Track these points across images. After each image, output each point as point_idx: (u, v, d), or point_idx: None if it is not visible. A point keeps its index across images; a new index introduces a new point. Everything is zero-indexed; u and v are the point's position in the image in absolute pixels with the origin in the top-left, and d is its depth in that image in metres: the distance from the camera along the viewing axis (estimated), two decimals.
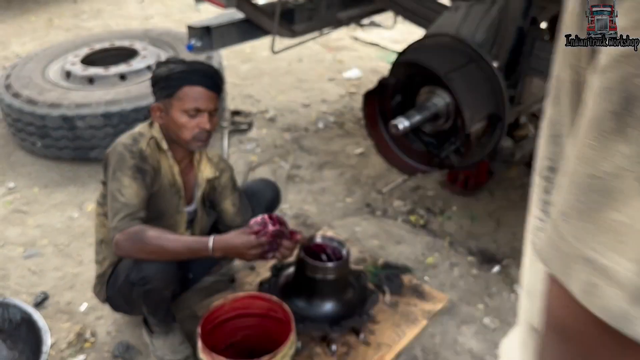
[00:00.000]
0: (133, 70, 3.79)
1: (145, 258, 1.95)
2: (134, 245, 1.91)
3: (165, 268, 1.98)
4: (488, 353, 2.39)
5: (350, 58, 5.67)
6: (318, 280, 2.27)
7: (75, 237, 3.05)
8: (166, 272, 1.99)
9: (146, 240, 1.91)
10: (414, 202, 3.39)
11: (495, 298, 2.70)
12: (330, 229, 3.11)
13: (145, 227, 1.93)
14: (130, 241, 1.91)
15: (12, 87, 3.66)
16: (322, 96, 4.79)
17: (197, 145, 2.11)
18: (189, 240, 2.00)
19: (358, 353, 2.33)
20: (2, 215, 3.22)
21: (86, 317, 2.52)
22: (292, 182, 3.59)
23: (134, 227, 1.91)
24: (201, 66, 2.08)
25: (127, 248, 1.92)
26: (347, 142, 4.06)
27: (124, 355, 2.33)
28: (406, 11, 3.17)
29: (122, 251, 1.94)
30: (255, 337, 2.22)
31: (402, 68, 2.50)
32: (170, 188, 2.16)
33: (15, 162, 3.72)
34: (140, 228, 1.92)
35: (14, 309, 2.18)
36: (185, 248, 1.95)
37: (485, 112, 2.39)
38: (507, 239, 3.08)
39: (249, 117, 4.32)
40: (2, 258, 2.89)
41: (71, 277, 2.75)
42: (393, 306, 2.58)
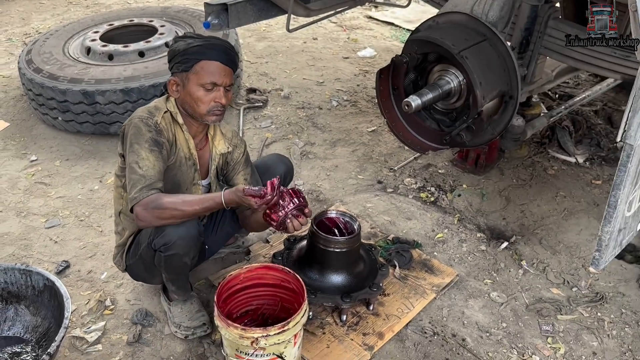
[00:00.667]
0: (151, 47, 3.86)
1: (164, 224, 2.03)
2: (152, 213, 1.98)
3: (187, 234, 2.06)
4: (494, 326, 2.46)
5: (365, 37, 5.68)
6: (330, 253, 2.34)
7: (96, 208, 3.14)
8: (188, 239, 2.07)
9: (162, 204, 1.98)
10: (424, 179, 3.44)
11: (502, 274, 2.76)
12: (342, 204, 3.18)
13: (160, 194, 2.01)
14: (148, 210, 1.98)
15: (33, 62, 3.74)
16: (336, 75, 4.82)
17: (212, 120, 2.17)
18: (203, 199, 2.07)
19: (367, 323, 2.42)
20: (24, 187, 3.32)
21: (106, 285, 2.62)
22: (306, 158, 3.65)
23: (151, 196, 1.98)
24: (218, 42, 2.13)
25: (146, 217, 1.99)
26: (360, 120, 4.11)
27: (143, 322, 2.43)
28: None
29: (142, 221, 2.02)
30: (268, 306, 2.31)
31: (416, 46, 2.53)
32: (186, 161, 2.23)
33: (37, 136, 3.81)
34: (157, 196, 1.99)
35: (37, 277, 2.29)
36: (200, 204, 2.03)
37: (497, 90, 2.42)
38: (516, 217, 3.13)
39: (264, 94, 4.38)
40: (25, 228, 3.00)
41: (92, 247, 2.85)
42: (402, 280, 2.65)
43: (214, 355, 2.27)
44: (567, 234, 3.00)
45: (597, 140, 3.76)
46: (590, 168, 3.56)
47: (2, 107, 4.16)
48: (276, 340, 1.92)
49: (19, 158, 3.60)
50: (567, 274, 2.76)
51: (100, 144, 3.71)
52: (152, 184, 2.01)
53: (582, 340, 2.41)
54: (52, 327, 2.24)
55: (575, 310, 2.55)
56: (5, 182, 3.37)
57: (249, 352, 1.95)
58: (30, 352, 2.23)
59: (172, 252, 2.07)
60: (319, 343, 2.31)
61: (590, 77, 4.62)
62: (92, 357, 2.27)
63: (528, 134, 3.09)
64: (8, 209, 3.14)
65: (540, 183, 3.40)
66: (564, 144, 3.68)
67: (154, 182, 2.01)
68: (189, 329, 2.33)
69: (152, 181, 2.01)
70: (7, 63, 4.90)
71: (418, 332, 2.41)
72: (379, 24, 6.05)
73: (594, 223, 3.06)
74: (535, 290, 2.67)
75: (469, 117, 2.47)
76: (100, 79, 3.52)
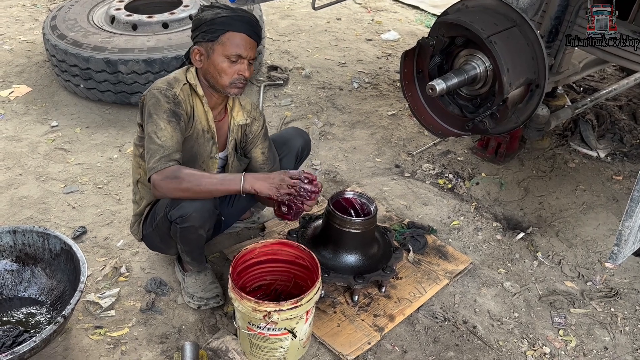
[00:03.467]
0: (176, 19, 3.84)
1: (181, 196, 2.03)
2: (170, 184, 1.98)
3: (202, 207, 2.07)
4: (506, 315, 2.45)
5: (389, 20, 5.62)
6: (345, 233, 2.34)
7: (115, 176, 3.17)
8: (203, 212, 2.08)
9: (182, 177, 1.98)
10: (443, 165, 3.42)
11: (517, 264, 2.74)
12: (359, 186, 3.17)
13: (181, 166, 2.01)
14: (167, 180, 1.98)
15: (57, 28, 3.75)
16: (358, 56, 4.79)
17: (234, 92, 2.16)
18: (222, 176, 2.07)
19: (379, 305, 2.42)
20: (44, 152, 3.35)
21: (122, 253, 2.65)
22: (324, 139, 3.64)
23: (170, 167, 1.99)
24: (245, 14, 2.11)
25: (163, 187, 1.99)
26: (380, 103, 4.08)
27: (156, 290, 2.45)
28: None
29: (159, 191, 2.02)
30: (281, 282, 2.32)
31: (443, 29, 2.49)
32: (204, 134, 2.22)
33: (58, 102, 3.84)
34: (176, 167, 2.00)
35: (54, 240, 2.32)
36: (219, 183, 2.02)
37: (524, 78, 2.38)
38: (533, 208, 3.10)
39: (285, 73, 4.36)
40: (44, 192, 3.03)
41: (109, 215, 2.88)
42: (416, 264, 2.65)
43: (225, 327, 2.29)
44: (584, 227, 2.97)
45: (620, 136, 3.70)
46: (612, 163, 3.51)
47: (25, 72, 4.19)
48: (288, 315, 1.93)
49: (40, 123, 3.63)
50: (582, 268, 2.74)
51: (120, 113, 3.72)
52: (170, 154, 2.01)
53: (594, 335, 2.40)
54: (67, 290, 2.27)
55: (588, 305, 2.54)
56: (26, 146, 3.40)
57: (261, 326, 1.96)
58: (45, 313, 2.27)
59: (187, 225, 2.08)
60: (330, 322, 2.32)
61: (617, 71, 4.54)
62: (105, 322, 2.30)
63: (552, 124, 3.05)
64: (28, 172, 3.17)
65: (560, 175, 3.37)
66: (587, 137, 3.63)
67: (172, 153, 2.02)
68: (202, 300, 2.35)
69: (170, 151, 2.01)
70: (31, 28, 4.91)
71: (429, 317, 2.41)
72: (404, 7, 5.98)
73: (613, 218, 3.03)
74: (549, 282, 2.65)
75: (494, 104, 2.43)
76: (123, 48, 3.52)
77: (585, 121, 3.69)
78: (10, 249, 2.34)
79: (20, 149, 3.37)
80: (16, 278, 2.35)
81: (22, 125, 3.59)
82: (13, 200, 2.96)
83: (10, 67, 4.25)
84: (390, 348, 2.27)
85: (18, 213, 2.86)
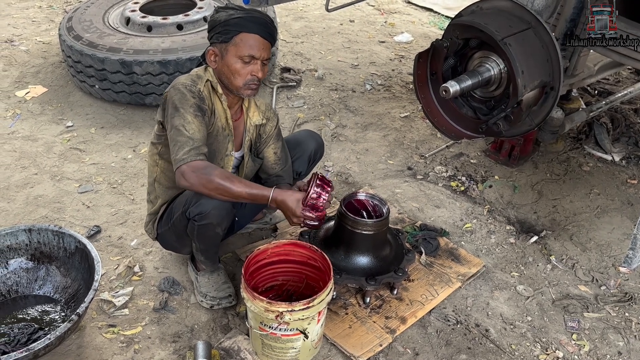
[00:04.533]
0: (190, 21, 3.87)
1: (206, 193, 2.04)
2: (200, 179, 1.99)
3: (221, 205, 2.09)
4: (519, 319, 2.44)
5: (402, 22, 5.61)
6: (357, 235, 2.34)
7: (129, 176, 3.19)
8: (222, 210, 2.09)
9: (213, 176, 2.00)
10: (455, 168, 3.41)
11: (530, 267, 2.73)
12: (371, 188, 3.17)
13: (213, 165, 2.04)
14: (197, 174, 1.99)
15: (73, 29, 3.78)
16: (371, 58, 4.79)
17: (247, 93, 2.17)
18: (252, 186, 2.09)
19: (391, 307, 2.42)
20: (59, 152, 3.39)
21: (136, 252, 2.67)
22: (337, 140, 3.64)
23: (202, 162, 2.00)
24: (259, 15, 2.13)
25: (192, 180, 2.00)
26: (393, 105, 4.07)
27: (169, 289, 2.47)
28: None
29: (187, 182, 2.01)
30: (293, 282, 2.32)
31: (457, 30, 2.48)
32: (222, 131, 2.24)
33: (73, 103, 3.87)
34: (207, 164, 2.02)
35: (69, 239, 2.34)
36: (247, 192, 2.05)
37: (539, 81, 2.37)
38: (547, 211, 3.08)
39: (298, 74, 4.37)
40: (59, 192, 3.06)
41: (123, 214, 2.90)
42: (428, 266, 2.64)
43: (237, 326, 2.30)
44: (598, 231, 2.95)
45: (635, 140, 3.67)
46: (627, 167, 3.48)
47: (41, 72, 4.23)
48: (300, 315, 1.93)
49: (55, 123, 3.66)
50: (596, 272, 2.71)
51: (135, 114, 3.75)
52: (199, 147, 2.03)
53: (608, 340, 2.38)
54: (82, 288, 2.29)
55: (602, 309, 2.52)
56: (42, 145, 3.43)
57: (273, 326, 1.97)
58: (60, 311, 2.29)
59: (205, 222, 2.10)
60: (342, 323, 2.32)
61: (632, 74, 4.51)
62: (118, 321, 2.32)
63: (566, 127, 3.03)
64: (43, 172, 3.21)
65: (574, 179, 3.34)
66: (601, 141, 3.60)
67: (201, 146, 2.04)
68: (214, 299, 2.37)
69: (199, 144, 2.03)
70: (47, 30, 4.97)
71: (441, 320, 2.40)
72: (418, 10, 5.97)
73: (627, 223, 3.00)
74: (563, 286, 2.63)
75: (508, 106, 2.42)
76: (138, 49, 3.55)
77: (599, 124, 3.67)
78: (25, 247, 2.36)
79: (36, 148, 3.41)
80: (31, 276, 2.37)
81: (37, 125, 3.63)
82: (29, 199, 2.99)
83: (27, 67, 4.30)
84: (402, 350, 2.27)
85: (33, 212, 2.89)
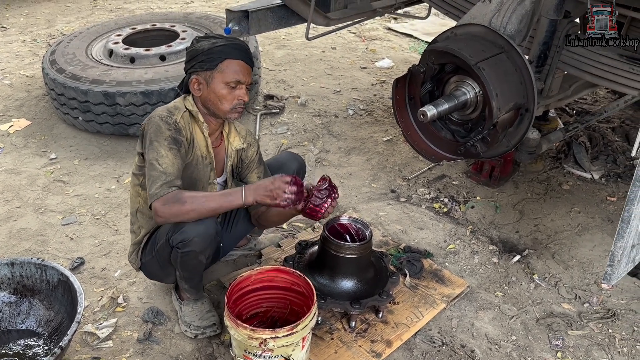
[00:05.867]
0: (173, 52, 3.92)
1: (185, 219, 2.05)
2: (172, 208, 2.01)
3: (205, 232, 2.09)
4: (504, 339, 2.45)
5: (383, 48, 5.71)
6: (341, 259, 2.36)
7: (112, 207, 3.19)
8: (205, 237, 2.10)
9: (183, 199, 2.01)
10: (438, 190, 3.44)
11: (514, 287, 2.75)
12: (355, 212, 3.19)
13: (181, 190, 2.05)
14: (168, 205, 2.01)
15: (56, 62, 3.82)
16: (353, 84, 4.86)
17: (234, 117, 2.23)
18: (222, 193, 2.11)
19: (376, 330, 2.42)
20: (43, 184, 3.38)
21: (119, 283, 2.66)
22: (320, 165, 3.67)
23: (171, 193, 2.02)
24: (240, 42, 2.21)
25: (166, 212, 2.02)
26: (375, 130, 4.12)
27: (154, 320, 2.46)
28: (440, 1, 3.21)
29: (162, 217, 2.04)
30: (278, 309, 2.32)
31: (433, 56, 2.54)
32: (202, 160, 2.26)
33: (57, 135, 3.88)
34: (177, 192, 2.03)
35: (52, 271, 2.33)
36: (220, 200, 2.07)
37: (514, 103, 2.42)
38: (529, 230, 3.12)
39: (281, 101, 4.42)
40: (42, 224, 3.05)
41: (107, 245, 2.89)
42: (413, 289, 2.65)
43: (222, 355, 2.29)
44: (580, 249, 2.99)
45: (614, 157, 3.74)
46: (606, 184, 3.54)
47: (24, 105, 4.25)
48: (284, 342, 1.93)
49: (39, 156, 3.67)
50: (579, 290, 2.74)
51: (119, 144, 3.77)
52: (171, 181, 2.04)
53: (592, 356, 2.39)
54: (65, 321, 2.27)
55: (586, 326, 2.54)
56: (25, 178, 3.43)
57: (257, 353, 1.96)
58: (43, 345, 2.27)
59: (189, 249, 2.10)
60: (327, 348, 2.32)
61: (609, 94, 4.60)
62: (102, 353, 2.30)
63: (543, 147, 3.08)
64: (26, 205, 3.20)
65: (554, 198, 3.39)
66: (580, 159, 3.66)
67: (174, 180, 2.05)
68: (199, 329, 2.36)
69: (171, 178, 2.05)
70: (31, 63, 5.00)
71: (427, 342, 2.41)
72: (398, 36, 6.09)
73: (608, 240, 3.04)
74: (546, 304, 2.65)
75: (484, 129, 2.47)
76: (121, 81, 3.58)
77: (578, 143, 3.73)
78: (8, 281, 2.35)
79: (19, 181, 3.40)
80: (14, 310, 2.35)
81: (21, 158, 3.64)
82: (12, 232, 2.98)
83: (10, 101, 4.32)
84: None
85: (17, 245, 2.88)
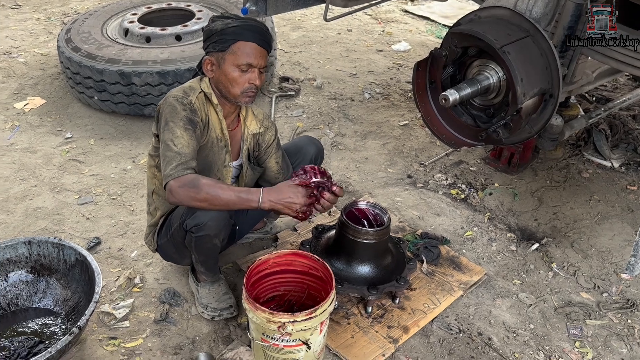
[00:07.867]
0: (189, 32, 3.88)
1: (197, 205, 2.03)
2: (188, 192, 1.98)
3: (218, 217, 2.08)
4: (521, 327, 2.43)
5: (400, 31, 5.64)
6: (359, 244, 2.34)
7: (128, 187, 3.18)
8: (219, 221, 2.08)
9: (200, 187, 1.98)
10: (455, 176, 3.41)
11: (532, 275, 2.72)
12: (371, 197, 3.17)
13: (199, 176, 2.02)
14: (184, 188, 1.98)
15: (72, 41, 3.79)
16: (369, 67, 4.80)
17: (245, 101, 2.18)
18: (240, 190, 2.07)
19: (393, 316, 2.41)
20: (59, 164, 3.38)
21: (136, 264, 2.65)
22: (336, 149, 3.64)
23: (188, 176, 1.99)
24: (255, 23, 2.14)
25: (180, 194, 1.99)
26: (391, 114, 4.08)
27: (170, 301, 2.46)
28: None
29: (175, 197, 2.01)
30: (295, 292, 2.31)
31: (456, 39, 2.49)
32: (217, 142, 2.23)
33: (72, 114, 3.87)
34: (194, 176, 2.00)
35: (69, 251, 2.33)
36: (236, 196, 2.02)
37: (538, 88, 2.37)
38: (548, 218, 3.08)
39: (296, 84, 4.37)
40: (58, 203, 3.05)
41: (123, 225, 2.89)
42: (430, 275, 2.64)
43: (239, 337, 2.29)
44: (599, 238, 2.95)
45: (634, 146, 3.68)
46: (626, 173, 3.49)
47: (39, 84, 4.24)
48: (303, 326, 1.92)
49: (54, 135, 3.66)
50: (598, 279, 2.71)
51: (134, 125, 3.75)
52: (187, 161, 2.01)
53: (611, 347, 2.37)
54: (82, 301, 2.28)
55: (604, 316, 2.51)
56: (41, 157, 3.43)
57: (275, 337, 1.95)
58: (60, 324, 2.28)
59: (203, 233, 2.09)
60: (344, 333, 2.31)
61: (629, 81, 4.52)
62: (119, 333, 2.30)
63: (566, 134, 3.03)
64: (42, 184, 3.20)
65: (574, 186, 3.34)
66: (600, 147, 3.60)
67: (189, 161, 2.02)
68: (215, 310, 2.35)
69: (187, 159, 2.02)
70: (45, 41, 4.97)
71: (444, 329, 2.39)
72: (415, 18, 6.00)
73: (628, 229, 3.00)
74: (565, 293, 2.63)
75: (507, 114, 2.42)
76: (137, 60, 3.55)
77: (598, 131, 3.67)
78: (25, 260, 2.35)
79: (35, 160, 3.40)
80: (31, 289, 2.36)
81: (36, 137, 3.63)
82: (28, 211, 2.98)
83: (25, 79, 4.31)
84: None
85: (33, 224, 2.88)
